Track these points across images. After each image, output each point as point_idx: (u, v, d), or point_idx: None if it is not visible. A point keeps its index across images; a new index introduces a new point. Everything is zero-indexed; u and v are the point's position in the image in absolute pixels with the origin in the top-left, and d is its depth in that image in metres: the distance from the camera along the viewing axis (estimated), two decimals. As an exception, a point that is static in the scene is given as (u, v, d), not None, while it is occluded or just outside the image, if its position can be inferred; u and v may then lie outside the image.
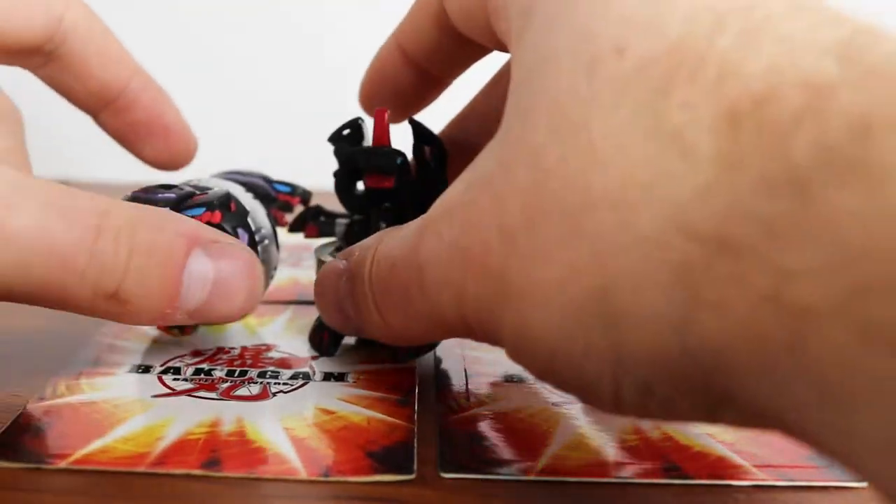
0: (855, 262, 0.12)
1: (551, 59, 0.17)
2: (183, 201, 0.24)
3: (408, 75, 0.27)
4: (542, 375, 0.18)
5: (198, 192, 0.25)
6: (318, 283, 0.25)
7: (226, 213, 0.25)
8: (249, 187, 0.29)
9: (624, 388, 0.16)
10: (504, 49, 0.22)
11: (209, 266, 0.21)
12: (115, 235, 0.20)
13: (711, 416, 0.16)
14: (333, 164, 0.28)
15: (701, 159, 0.14)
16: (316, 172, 0.34)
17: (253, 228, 0.26)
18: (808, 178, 0.13)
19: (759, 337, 0.13)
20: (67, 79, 0.29)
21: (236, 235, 0.25)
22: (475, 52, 0.26)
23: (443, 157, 0.27)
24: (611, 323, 0.15)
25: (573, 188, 0.15)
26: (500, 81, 0.27)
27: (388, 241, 0.21)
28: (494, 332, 0.18)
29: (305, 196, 0.31)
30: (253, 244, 0.26)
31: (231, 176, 0.30)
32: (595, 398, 0.17)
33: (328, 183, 0.29)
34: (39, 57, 0.28)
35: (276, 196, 0.30)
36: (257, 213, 0.27)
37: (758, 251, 0.13)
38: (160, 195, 0.24)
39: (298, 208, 0.31)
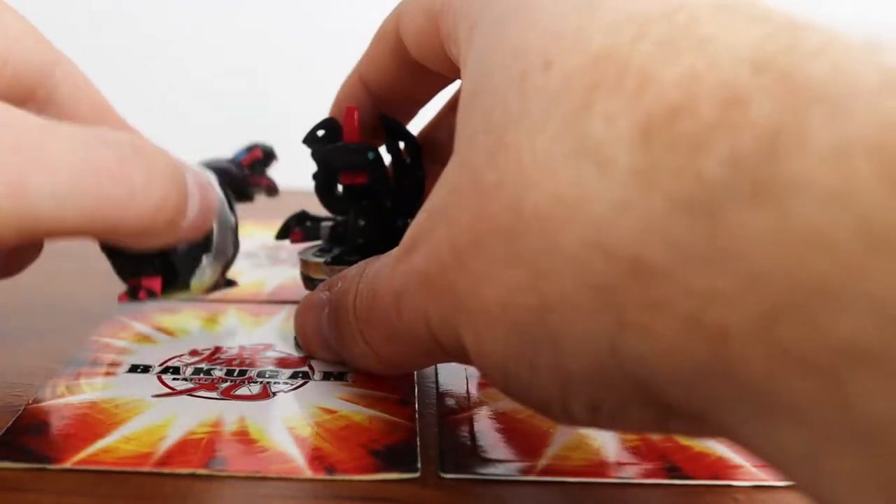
0: (763, 285, 0.12)
1: (487, 79, 0.17)
2: None
3: (371, 108, 0.28)
4: (503, 391, 0.18)
5: None
6: (298, 316, 0.25)
7: None
8: (211, 167, 0.28)
9: (572, 405, 0.16)
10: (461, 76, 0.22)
11: (194, 187, 0.22)
12: (151, 154, 0.20)
13: (661, 427, 0.16)
14: (314, 166, 0.28)
15: (618, 175, 0.14)
16: (305, 173, 0.34)
17: None
18: (717, 199, 0.12)
19: (684, 357, 0.13)
20: None
21: None
22: (435, 83, 0.26)
23: (417, 152, 0.27)
24: (551, 343, 0.15)
25: (508, 210, 0.15)
26: None
27: (369, 273, 0.22)
28: (462, 353, 0.18)
29: (265, 147, 0.30)
30: None
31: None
32: (549, 413, 0.17)
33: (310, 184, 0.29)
34: (33, 104, 0.28)
35: (241, 166, 0.29)
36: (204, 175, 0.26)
37: (674, 274, 0.13)
38: None
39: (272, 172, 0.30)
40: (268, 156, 0.30)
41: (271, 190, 0.30)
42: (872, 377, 0.11)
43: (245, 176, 0.29)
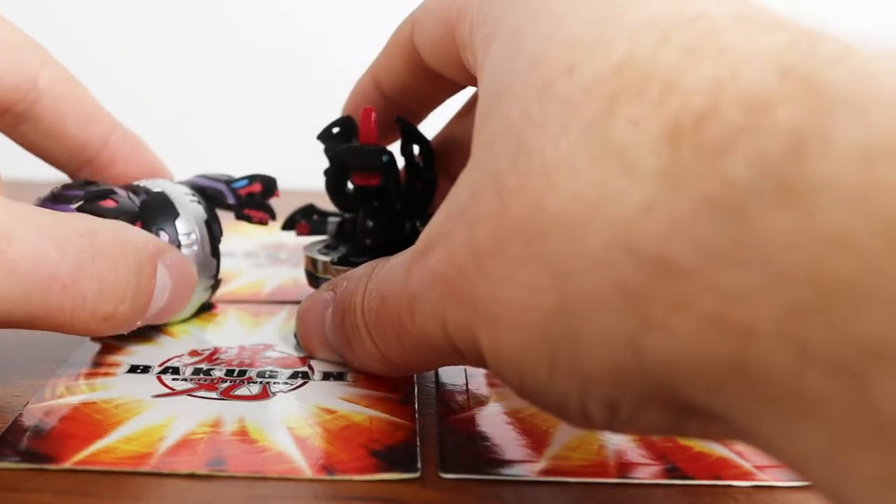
0: (788, 284, 0.12)
1: (507, 85, 0.17)
2: (89, 200, 0.24)
3: (384, 109, 0.28)
4: (519, 394, 0.18)
5: (112, 193, 0.25)
6: (300, 315, 0.25)
7: (147, 218, 0.26)
8: (198, 190, 0.29)
9: (590, 406, 0.16)
10: (475, 83, 0.22)
11: (167, 280, 0.22)
12: (112, 259, 0.21)
13: (677, 429, 0.16)
14: (326, 163, 0.28)
15: (643, 177, 0.14)
16: (310, 172, 0.34)
17: (179, 232, 0.26)
18: (743, 199, 0.13)
19: (707, 356, 0.13)
20: (42, 139, 0.29)
21: (157, 237, 0.26)
22: (447, 88, 0.27)
23: (430, 156, 0.27)
24: (572, 343, 0.15)
25: (530, 213, 0.16)
26: None
27: (378, 273, 0.22)
28: (478, 355, 0.18)
29: (266, 181, 0.30)
30: (177, 246, 0.26)
31: (193, 180, 0.30)
32: (565, 415, 0.17)
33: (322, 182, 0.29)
34: (10, 117, 0.28)
35: (237, 195, 0.29)
36: (190, 216, 0.27)
37: (699, 273, 0.13)
38: (70, 192, 0.24)
39: (277, 203, 0.30)
40: (267, 190, 0.30)
41: (262, 223, 0.30)
42: (894, 376, 0.11)
43: (240, 205, 0.29)
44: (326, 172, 0.28)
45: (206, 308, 0.30)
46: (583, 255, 0.15)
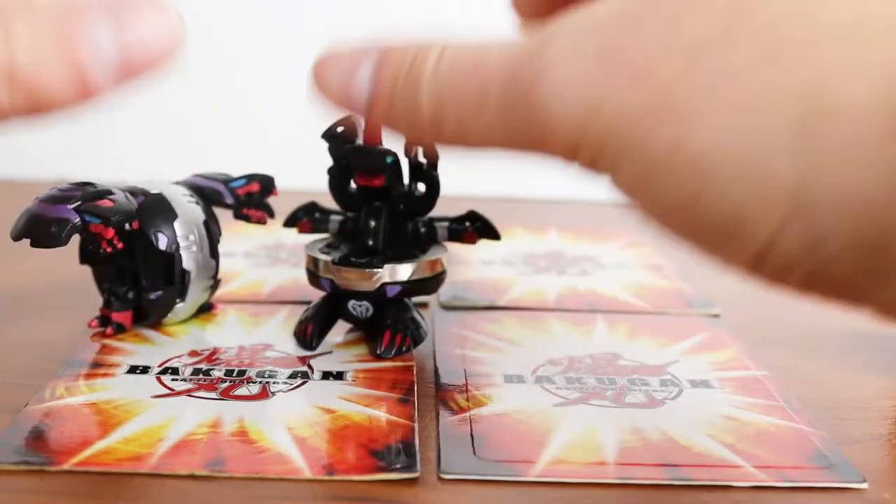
0: None
1: None
2: (87, 200, 0.24)
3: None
4: (672, 210, 0.16)
5: (109, 194, 0.25)
6: (323, 62, 0.21)
7: (145, 221, 0.26)
8: (196, 190, 0.29)
9: (785, 235, 0.15)
10: None
11: (110, 23, 0.19)
12: None
13: (866, 292, 0.15)
14: (325, 162, 0.28)
15: None
16: (308, 171, 0.34)
17: (178, 233, 0.27)
18: None
19: None
20: None
21: (155, 239, 0.26)
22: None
23: (434, 158, 0.27)
24: (810, 153, 0.14)
25: (787, 20, 0.15)
26: None
27: (465, 42, 0.19)
28: (622, 151, 0.17)
29: (264, 180, 0.30)
30: (175, 248, 0.27)
31: (191, 179, 0.30)
32: (738, 240, 0.16)
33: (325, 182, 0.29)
34: None
35: (236, 194, 0.30)
36: (188, 217, 0.27)
37: None
38: (68, 192, 0.25)
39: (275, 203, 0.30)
40: (265, 189, 0.30)
41: (261, 222, 0.30)
42: None
43: (238, 205, 0.29)
44: (330, 171, 0.28)
45: (205, 308, 0.30)
46: (858, 68, 0.14)
